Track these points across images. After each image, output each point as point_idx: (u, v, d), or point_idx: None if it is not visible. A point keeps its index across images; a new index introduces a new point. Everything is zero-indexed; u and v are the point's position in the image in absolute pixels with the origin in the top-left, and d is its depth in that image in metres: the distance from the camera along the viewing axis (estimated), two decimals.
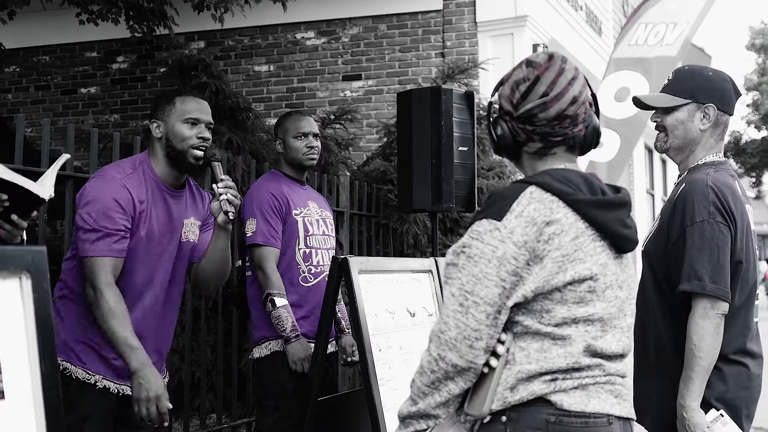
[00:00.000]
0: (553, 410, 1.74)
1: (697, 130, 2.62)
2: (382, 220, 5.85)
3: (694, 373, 2.44)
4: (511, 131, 1.88)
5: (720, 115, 2.63)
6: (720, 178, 2.55)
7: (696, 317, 2.44)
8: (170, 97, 2.82)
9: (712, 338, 2.43)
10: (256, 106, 7.51)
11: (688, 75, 2.68)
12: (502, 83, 1.92)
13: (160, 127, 2.78)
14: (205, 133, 2.79)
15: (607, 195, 1.83)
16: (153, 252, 2.74)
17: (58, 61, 9.09)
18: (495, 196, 1.82)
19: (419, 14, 7.91)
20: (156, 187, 2.76)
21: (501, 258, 1.73)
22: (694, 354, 2.43)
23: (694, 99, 2.62)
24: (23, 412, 1.34)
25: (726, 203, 2.49)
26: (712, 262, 2.44)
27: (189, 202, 2.90)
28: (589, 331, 1.77)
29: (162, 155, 2.78)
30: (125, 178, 2.69)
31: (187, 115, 2.76)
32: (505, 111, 1.89)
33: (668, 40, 6.81)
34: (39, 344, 1.37)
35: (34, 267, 1.40)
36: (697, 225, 2.47)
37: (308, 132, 3.70)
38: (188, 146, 2.75)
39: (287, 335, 3.44)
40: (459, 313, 1.74)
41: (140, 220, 2.69)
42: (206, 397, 4.75)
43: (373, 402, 2.83)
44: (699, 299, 2.44)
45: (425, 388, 1.78)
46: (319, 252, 3.66)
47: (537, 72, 1.84)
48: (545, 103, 1.83)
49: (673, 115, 2.65)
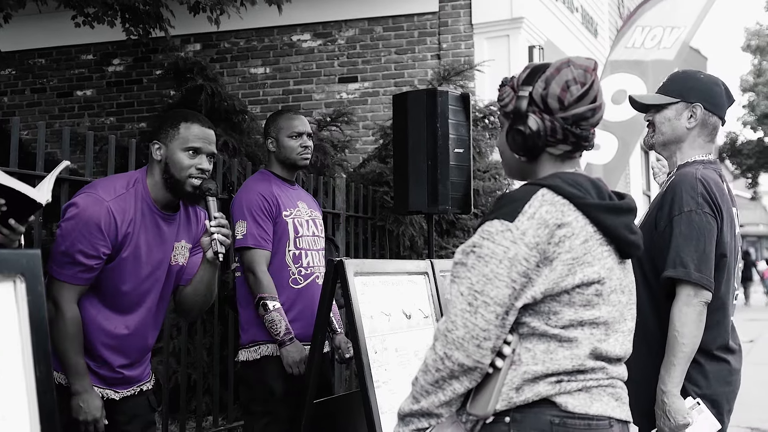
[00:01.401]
0: (558, 412, 1.75)
1: (683, 128, 2.71)
2: (378, 222, 5.85)
3: (677, 359, 2.48)
4: (548, 129, 1.83)
5: (708, 115, 2.71)
6: (709, 174, 2.62)
7: (679, 304, 2.49)
8: (175, 121, 2.75)
9: (694, 325, 2.48)
10: (252, 109, 7.51)
11: (680, 77, 2.80)
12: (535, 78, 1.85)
13: (161, 149, 2.73)
14: (204, 164, 2.72)
15: (614, 200, 1.85)
16: (140, 273, 2.72)
17: (53, 63, 9.08)
18: (506, 197, 1.82)
19: (415, 16, 7.92)
20: (148, 209, 2.72)
21: (512, 259, 1.73)
22: (676, 340, 2.48)
23: (683, 98, 2.71)
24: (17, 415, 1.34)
25: (714, 196, 2.56)
26: (699, 251, 2.50)
27: (182, 225, 2.86)
28: (595, 334, 1.79)
29: (159, 178, 2.73)
30: (113, 201, 2.64)
31: (190, 144, 2.70)
32: (550, 108, 1.83)
33: (666, 44, 6.83)
34: (33, 348, 1.37)
35: (28, 270, 1.39)
36: (684, 214, 2.53)
37: (303, 131, 3.67)
38: (186, 176, 2.70)
39: (281, 338, 3.42)
40: (468, 313, 1.73)
41: (124, 242, 2.66)
42: (202, 399, 4.75)
43: (369, 404, 2.83)
44: (683, 286, 2.49)
45: (429, 386, 1.78)
46: (309, 253, 3.64)
47: (592, 77, 1.84)
48: (594, 110, 1.84)
49: (662, 113, 2.74)
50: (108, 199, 2.64)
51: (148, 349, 2.87)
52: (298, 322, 3.55)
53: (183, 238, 2.85)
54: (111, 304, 2.70)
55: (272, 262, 3.54)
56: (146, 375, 2.89)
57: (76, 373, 2.61)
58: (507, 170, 1.98)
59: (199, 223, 2.90)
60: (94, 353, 2.69)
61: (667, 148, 2.77)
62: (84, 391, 2.61)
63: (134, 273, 2.70)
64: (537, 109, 1.84)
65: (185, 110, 2.86)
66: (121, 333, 2.72)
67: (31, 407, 1.35)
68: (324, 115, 7.06)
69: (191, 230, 2.89)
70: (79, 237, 2.59)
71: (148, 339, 2.83)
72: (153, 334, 2.86)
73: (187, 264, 2.88)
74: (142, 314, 2.76)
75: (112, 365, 2.73)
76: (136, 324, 2.75)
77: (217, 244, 2.65)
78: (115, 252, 2.65)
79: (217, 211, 2.69)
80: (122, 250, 2.66)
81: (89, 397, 2.62)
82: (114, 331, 2.71)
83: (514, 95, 1.89)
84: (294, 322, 3.54)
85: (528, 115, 1.84)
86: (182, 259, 2.86)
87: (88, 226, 2.59)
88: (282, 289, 3.54)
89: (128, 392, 2.80)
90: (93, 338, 2.69)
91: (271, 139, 3.67)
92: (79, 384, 2.61)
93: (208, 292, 2.84)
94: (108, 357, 2.72)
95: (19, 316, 1.38)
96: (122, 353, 2.74)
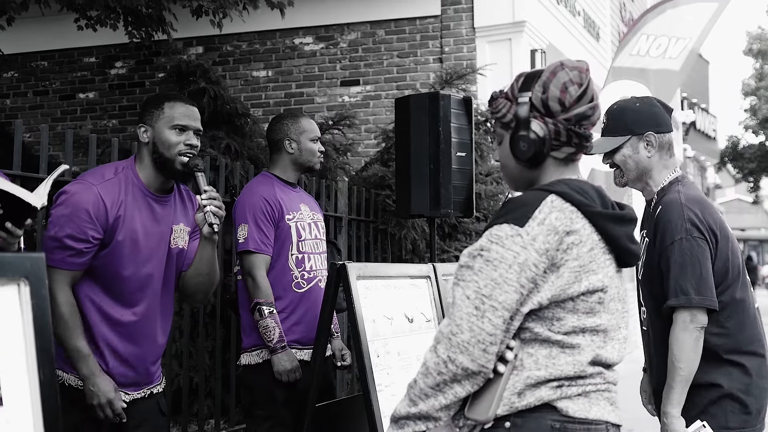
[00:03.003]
0: (558, 416, 1.75)
1: (646, 158, 2.79)
2: (380, 226, 5.85)
3: (675, 383, 2.59)
4: (551, 132, 1.83)
5: (660, 137, 2.79)
6: (691, 194, 2.71)
7: (677, 330, 2.59)
8: (159, 102, 2.78)
9: (691, 350, 2.58)
10: (254, 112, 7.51)
11: (619, 113, 2.84)
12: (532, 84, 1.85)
13: (147, 131, 2.75)
14: (192, 140, 2.75)
15: (616, 209, 1.86)
16: (140, 257, 2.72)
17: (56, 66, 9.09)
18: (515, 202, 1.82)
19: (417, 20, 7.93)
20: (139, 192, 2.73)
21: (522, 264, 1.73)
22: (674, 365, 2.59)
23: (632, 132, 2.78)
24: (22, 418, 1.34)
25: (700, 217, 2.64)
26: (695, 276, 2.59)
27: (178, 208, 2.86)
28: (595, 341, 1.80)
29: (149, 160, 2.75)
30: (101, 185, 2.66)
31: (176, 122, 2.73)
32: (551, 111, 1.83)
33: (671, 54, 6.85)
34: (37, 351, 1.37)
35: (32, 274, 1.40)
36: (676, 243, 2.62)
37: (320, 136, 3.76)
38: (175, 153, 2.72)
39: (273, 345, 3.42)
40: (474, 317, 1.72)
41: (116, 225, 2.66)
42: (204, 402, 4.75)
43: (371, 408, 2.83)
44: (680, 313, 2.59)
45: (429, 389, 1.76)
46: (312, 257, 3.64)
47: (587, 77, 1.85)
48: (594, 108, 1.85)
49: (619, 153, 2.81)
50: (96, 183, 2.66)
51: (159, 344, 2.83)
52: (301, 326, 3.55)
53: (181, 221, 2.85)
54: (113, 291, 2.69)
55: (275, 265, 3.54)
56: (156, 378, 2.86)
57: (80, 357, 2.60)
58: (511, 183, 1.97)
59: (195, 205, 2.91)
60: (101, 351, 2.67)
61: (639, 181, 2.84)
62: (91, 374, 2.61)
63: (133, 257, 2.70)
64: (538, 113, 1.84)
65: (167, 92, 2.90)
66: (128, 320, 2.70)
67: (34, 410, 1.36)
68: (326, 119, 7.06)
69: (188, 213, 2.89)
70: (67, 222, 2.60)
71: (157, 329, 2.80)
72: (163, 325, 2.83)
73: (187, 248, 2.87)
74: (148, 300, 2.75)
75: (122, 356, 2.70)
76: (142, 310, 2.73)
77: (210, 216, 2.65)
78: (109, 236, 2.65)
79: (206, 185, 2.70)
80: (116, 233, 2.66)
81: (98, 380, 2.61)
82: (121, 318, 2.70)
83: (510, 105, 1.88)
84: (297, 325, 3.55)
85: (530, 120, 1.83)
86: (182, 242, 2.85)
87: (77, 211, 2.60)
88: (285, 292, 3.54)
89: (138, 395, 2.77)
90: (99, 331, 2.66)
91: (290, 140, 3.66)
92: (84, 368, 2.60)
93: (211, 271, 2.84)
94: (118, 348, 2.69)
95: (23, 319, 1.38)
96: (131, 341, 2.71)
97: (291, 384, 3.46)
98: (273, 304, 3.45)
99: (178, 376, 4.92)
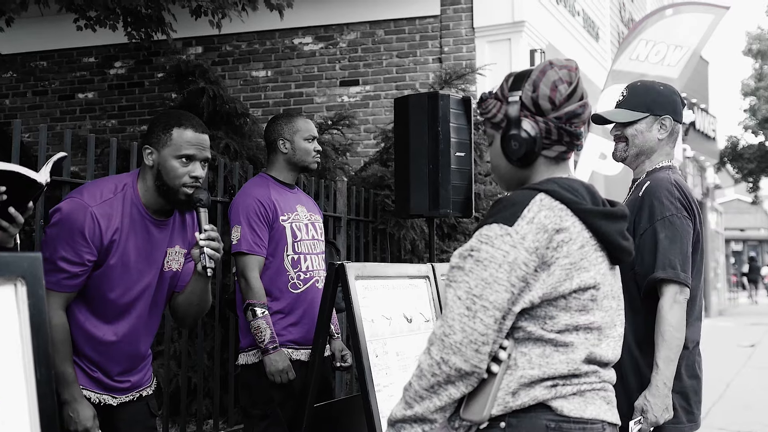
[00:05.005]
0: (553, 416, 1.75)
1: (656, 139, 2.86)
2: (379, 226, 5.85)
3: (673, 353, 2.59)
4: (542, 131, 1.83)
5: (674, 124, 2.87)
6: (679, 179, 2.78)
7: (669, 302, 2.61)
8: (168, 126, 2.65)
9: (683, 320, 2.61)
10: (253, 112, 7.51)
11: (643, 90, 2.90)
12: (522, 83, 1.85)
13: (152, 155, 2.64)
14: (198, 171, 2.64)
15: (607, 206, 1.86)
16: (129, 280, 2.65)
17: (55, 66, 9.09)
18: (504, 201, 1.81)
19: (417, 20, 7.93)
20: (138, 214, 2.65)
21: (512, 263, 1.73)
22: (672, 335, 2.58)
23: (651, 112, 2.84)
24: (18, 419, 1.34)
25: (688, 199, 2.72)
26: (682, 252, 2.65)
27: (176, 229, 2.78)
28: (589, 338, 1.79)
29: (151, 183, 2.65)
30: (98, 206, 2.57)
31: (183, 151, 2.61)
32: (542, 110, 1.83)
33: (670, 61, 6.88)
34: (34, 351, 1.37)
35: (29, 273, 1.39)
36: (666, 219, 2.67)
37: (316, 135, 3.73)
38: (179, 184, 2.61)
39: (265, 346, 3.41)
40: (466, 317, 1.72)
41: (110, 249, 2.59)
42: (203, 402, 4.74)
43: (369, 408, 2.83)
44: (670, 286, 2.62)
45: (423, 391, 1.76)
46: (308, 257, 3.63)
47: (576, 76, 1.86)
48: (584, 106, 1.85)
49: (633, 126, 2.86)
50: (92, 204, 2.56)
51: (142, 356, 2.80)
52: (299, 326, 3.55)
53: (177, 243, 2.78)
54: (97, 311, 2.64)
55: (270, 266, 3.54)
56: (146, 381, 2.83)
57: (64, 382, 2.53)
58: (503, 183, 1.96)
59: (195, 227, 2.81)
60: (88, 358, 2.64)
61: (638, 158, 2.89)
62: (73, 400, 2.54)
63: (122, 280, 2.63)
64: (529, 112, 1.84)
65: (178, 112, 2.77)
66: (109, 340, 2.65)
67: (31, 411, 1.35)
68: (325, 119, 7.05)
69: (186, 235, 2.81)
70: (62, 244, 2.53)
71: (139, 346, 2.76)
72: (146, 341, 2.79)
73: (182, 270, 2.80)
74: (132, 321, 2.69)
75: (107, 371, 2.68)
76: (125, 331, 2.68)
77: (206, 259, 2.58)
78: (101, 258, 2.59)
79: (207, 224, 2.62)
80: (109, 257, 2.59)
81: (79, 407, 2.54)
82: (102, 338, 2.65)
83: (501, 105, 1.88)
84: (294, 326, 3.54)
85: (521, 119, 1.84)
86: (176, 265, 2.78)
87: (71, 233, 2.53)
88: (281, 293, 3.54)
89: (126, 398, 2.74)
90: (83, 345, 2.63)
91: (284, 140, 3.64)
92: (67, 393, 2.54)
93: (201, 302, 2.78)
94: (100, 363, 2.66)
95: (20, 319, 1.38)
96: (112, 361, 2.68)
97: (288, 384, 3.45)
98: (265, 305, 3.45)
99: (176, 377, 4.92)
